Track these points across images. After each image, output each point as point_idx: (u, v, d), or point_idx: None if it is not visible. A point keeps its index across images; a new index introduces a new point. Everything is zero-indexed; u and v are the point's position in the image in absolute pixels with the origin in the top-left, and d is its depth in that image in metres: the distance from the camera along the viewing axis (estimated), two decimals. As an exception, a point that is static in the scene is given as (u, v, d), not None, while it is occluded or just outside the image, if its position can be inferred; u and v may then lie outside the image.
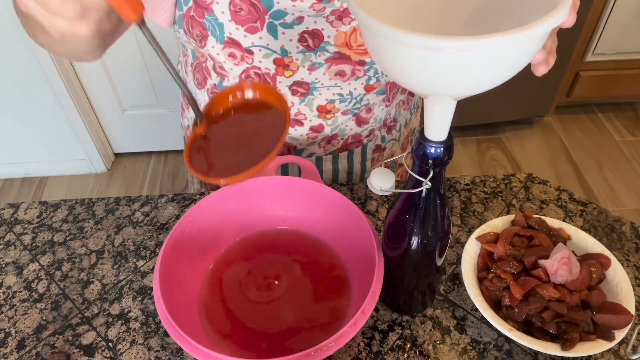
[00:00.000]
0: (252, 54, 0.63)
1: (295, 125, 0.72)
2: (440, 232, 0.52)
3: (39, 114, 1.90)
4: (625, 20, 1.90)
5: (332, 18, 0.60)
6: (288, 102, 0.68)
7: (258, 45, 0.62)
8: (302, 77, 0.65)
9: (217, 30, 0.61)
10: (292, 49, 0.62)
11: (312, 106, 0.69)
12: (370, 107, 0.73)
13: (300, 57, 0.63)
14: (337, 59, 0.64)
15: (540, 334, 0.56)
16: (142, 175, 2.09)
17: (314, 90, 0.67)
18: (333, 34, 0.61)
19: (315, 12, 0.58)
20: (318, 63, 0.64)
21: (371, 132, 0.77)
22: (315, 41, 0.62)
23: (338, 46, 0.63)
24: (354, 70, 0.66)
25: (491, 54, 0.34)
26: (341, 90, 0.68)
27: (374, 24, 0.35)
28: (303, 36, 0.61)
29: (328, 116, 0.71)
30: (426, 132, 0.45)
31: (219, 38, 0.61)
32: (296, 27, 0.60)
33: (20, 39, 1.66)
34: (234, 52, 0.63)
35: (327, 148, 0.76)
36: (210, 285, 0.63)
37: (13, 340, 0.62)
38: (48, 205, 0.78)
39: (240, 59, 0.63)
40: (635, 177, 2.00)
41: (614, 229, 0.72)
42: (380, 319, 0.62)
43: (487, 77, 0.37)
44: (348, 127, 0.74)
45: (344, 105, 0.70)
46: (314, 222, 0.67)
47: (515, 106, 2.09)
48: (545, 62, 0.42)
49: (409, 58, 0.35)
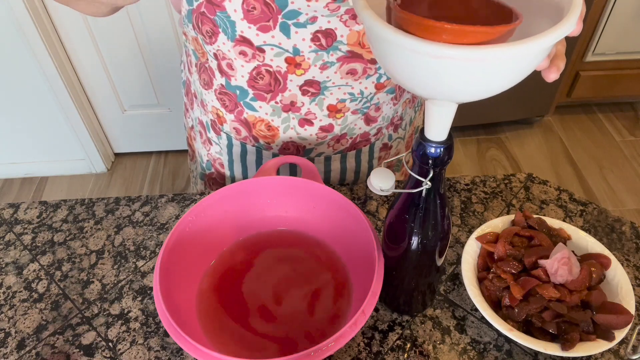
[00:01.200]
0: (263, 52, 0.62)
1: (305, 125, 0.71)
2: (440, 232, 0.52)
3: (39, 114, 1.90)
4: (625, 20, 1.90)
5: (345, 17, 0.60)
6: (298, 102, 0.68)
7: (270, 44, 0.61)
8: (314, 76, 0.65)
9: (228, 28, 0.61)
10: (305, 48, 0.62)
11: (322, 105, 0.69)
12: (379, 106, 0.73)
13: (312, 56, 0.63)
14: (349, 57, 0.64)
15: (540, 334, 0.56)
16: (142, 175, 2.09)
17: (325, 90, 0.67)
18: (346, 34, 0.61)
19: (330, 11, 0.58)
20: (330, 62, 0.64)
21: (379, 131, 0.77)
22: (328, 40, 0.61)
23: (351, 45, 0.62)
24: (365, 69, 0.65)
25: (497, 64, 0.34)
26: (352, 89, 0.68)
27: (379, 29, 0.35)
28: (316, 35, 0.61)
29: (338, 115, 0.71)
30: (426, 132, 0.45)
31: (230, 36, 0.61)
32: (309, 27, 0.60)
33: (20, 39, 1.66)
34: (245, 50, 0.63)
35: (336, 147, 0.76)
36: (210, 285, 0.63)
37: (13, 340, 0.62)
38: (48, 205, 0.78)
39: (251, 57, 0.63)
40: (635, 177, 2.00)
41: (614, 229, 0.72)
42: (380, 319, 0.62)
43: (490, 86, 0.37)
44: (357, 126, 0.74)
45: (355, 104, 0.70)
46: (314, 222, 0.67)
47: (515, 106, 2.09)
48: (556, 68, 0.41)
49: (412, 64, 0.35)
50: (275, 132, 0.72)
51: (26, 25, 1.63)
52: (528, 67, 0.36)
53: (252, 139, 0.75)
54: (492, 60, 0.33)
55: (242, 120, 0.72)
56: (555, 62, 0.41)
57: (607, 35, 1.94)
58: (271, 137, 0.73)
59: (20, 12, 1.60)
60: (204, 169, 0.86)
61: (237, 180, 0.81)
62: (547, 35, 0.33)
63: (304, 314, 0.60)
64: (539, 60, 0.36)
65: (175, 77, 1.87)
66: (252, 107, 0.70)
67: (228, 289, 0.63)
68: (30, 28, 1.64)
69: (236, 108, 0.71)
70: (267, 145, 0.75)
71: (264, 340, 0.58)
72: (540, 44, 0.33)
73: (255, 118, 0.71)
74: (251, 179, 0.65)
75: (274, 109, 0.69)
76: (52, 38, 1.72)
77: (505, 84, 0.37)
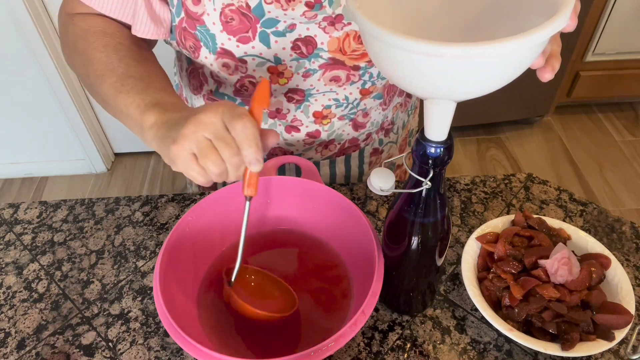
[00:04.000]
0: (245, 63, 0.62)
1: (292, 131, 0.71)
2: (440, 232, 0.52)
3: (39, 114, 1.90)
4: (625, 20, 1.90)
5: (324, 24, 0.59)
6: (284, 109, 0.69)
7: (251, 55, 0.61)
8: (297, 84, 0.65)
9: (209, 41, 0.60)
10: (286, 57, 0.62)
11: (308, 112, 0.69)
12: (367, 112, 0.73)
13: (294, 64, 0.63)
14: (332, 64, 0.64)
15: (540, 334, 0.56)
16: (142, 175, 2.09)
17: (309, 97, 0.67)
18: (326, 40, 0.61)
19: (307, 19, 0.58)
20: (312, 69, 0.64)
21: (368, 136, 0.77)
22: (308, 48, 0.61)
23: (332, 52, 0.62)
24: (348, 76, 0.65)
25: (490, 61, 0.34)
26: (337, 95, 0.68)
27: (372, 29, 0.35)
28: (296, 44, 0.61)
29: (324, 122, 0.71)
30: (426, 132, 0.45)
31: (211, 49, 0.61)
32: (289, 35, 0.60)
33: (21, 39, 1.66)
34: (228, 62, 0.62)
35: (324, 153, 0.76)
36: (210, 285, 0.63)
37: (13, 340, 0.62)
38: (48, 205, 0.78)
39: (234, 69, 0.63)
40: (635, 177, 2.00)
41: (614, 229, 0.72)
42: (380, 319, 0.62)
43: (486, 82, 0.37)
44: (345, 132, 0.74)
45: (340, 110, 0.70)
46: (314, 222, 0.67)
47: (515, 106, 2.09)
48: (551, 68, 0.41)
49: (406, 63, 0.35)
50: None
51: (26, 25, 1.63)
52: (523, 63, 0.36)
53: None
54: (486, 57, 0.33)
55: None
56: (550, 62, 0.41)
57: (607, 35, 1.94)
58: None
59: (20, 12, 1.60)
60: None
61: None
62: (541, 30, 0.33)
63: (304, 314, 0.60)
64: (534, 56, 0.36)
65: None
66: None
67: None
68: (30, 28, 1.64)
69: None
70: None
71: (264, 340, 0.58)
72: (534, 38, 0.33)
73: None
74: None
75: None
76: (52, 38, 1.72)
77: (501, 80, 0.37)
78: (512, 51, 0.33)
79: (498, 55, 0.33)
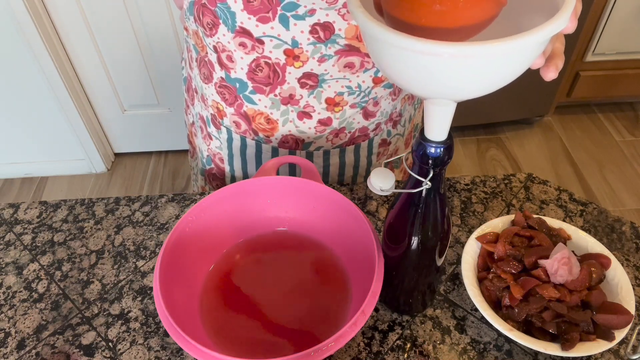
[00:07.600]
0: (262, 43, 0.63)
1: (304, 118, 0.72)
2: (440, 232, 0.52)
3: (39, 114, 1.90)
4: (625, 20, 1.90)
5: (344, 11, 0.60)
6: (297, 94, 0.69)
7: (269, 36, 0.62)
8: (312, 69, 0.66)
9: (228, 19, 0.62)
10: (303, 41, 0.63)
11: (320, 98, 0.70)
12: (378, 101, 0.73)
13: (310, 48, 0.63)
14: (347, 51, 0.64)
15: (540, 334, 0.56)
16: (142, 175, 2.09)
17: (322, 83, 0.68)
18: (344, 27, 0.62)
19: (327, 4, 0.59)
20: (328, 55, 0.64)
21: (378, 126, 0.78)
22: (326, 33, 0.62)
23: (348, 39, 0.63)
24: (362, 62, 0.66)
25: (489, 60, 0.34)
26: (349, 82, 0.68)
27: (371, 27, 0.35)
28: (314, 28, 0.61)
29: (336, 109, 0.71)
30: (426, 132, 0.45)
31: (230, 27, 0.62)
32: (308, 19, 0.61)
33: (20, 39, 1.66)
34: (245, 42, 0.63)
35: (335, 141, 0.77)
36: (210, 285, 0.63)
37: (13, 340, 0.62)
38: (48, 205, 0.78)
39: (250, 49, 0.64)
40: (635, 177, 2.00)
41: (614, 229, 0.72)
42: (380, 319, 0.62)
43: (484, 83, 0.36)
44: (355, 120, 0.74)
45: (352, 97, 0.70)
46: (313, 223, 0.67)
47: (515, 106, 2.09)
48: (555, 67, 0.40)
49: (405, 62, 0.35)
50: (275, 125, 0.73)
51: (26, 25, 1.63)
52: (522, 63, 0.36)
53: (251, 132, 0.75)
54: (484, 57, 0.33)
55: (242, 113, 0.73)
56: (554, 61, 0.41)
57: (607, 35, 1.94)
58: (270, 131, 0.74)
59: (20, 12, 1.60)
60: (204, 165, 0.87)
61: (237, 175, 0.82)
62: (539, 31, 0.33)
63: (304, 314, 0.60)
64: (533, 56, 0.36)
65: (175, 77, 1.87)
66: (252, 100, 0.70)
67: (228, 289, 0.63)
68: (30, 28, 1.64)
69: (236, 101, 0.72)
70: (266, 139, 0.75)
71: (264, 340, 0.58)
72: (532, 39, 0.32)
73: (255, 111, 0.72)
74: (251, 179, 0.66)
75: (272, 101, 0.70)
76: (52, 38, 1.72)
77: (500, 81, 0.36)
78: (510, 51, 0.33)
79: (496, 56, 0.33)
